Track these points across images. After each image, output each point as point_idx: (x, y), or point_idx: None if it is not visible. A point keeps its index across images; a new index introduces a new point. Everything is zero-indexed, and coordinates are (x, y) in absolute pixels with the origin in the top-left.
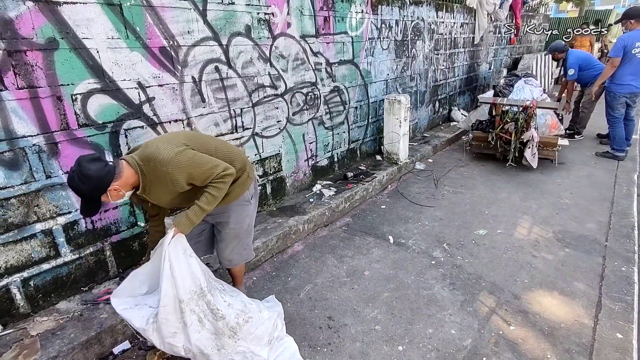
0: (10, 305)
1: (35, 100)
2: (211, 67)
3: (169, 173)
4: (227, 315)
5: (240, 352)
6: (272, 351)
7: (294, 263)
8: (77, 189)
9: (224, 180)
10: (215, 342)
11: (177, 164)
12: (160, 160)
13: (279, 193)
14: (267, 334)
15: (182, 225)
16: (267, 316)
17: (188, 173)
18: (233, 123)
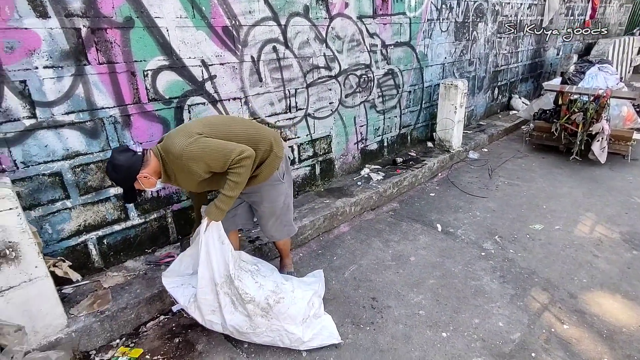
0: (87, 259)
1: (113, 75)
2: (269, 47)
3: (185, 165)
4: (257, 297)
5: (275, 330)
6: (308, 329)
7: (340, 243)
8: (112, 178)
9: (241, 164)
10: (249, 322)
11: (190, 155)
12: (174, 153)
13: (327, 174)
14: (302, 313)
15: (213, 214)
16: (300, 295)
17: (203, 162)
18: (287, 103)
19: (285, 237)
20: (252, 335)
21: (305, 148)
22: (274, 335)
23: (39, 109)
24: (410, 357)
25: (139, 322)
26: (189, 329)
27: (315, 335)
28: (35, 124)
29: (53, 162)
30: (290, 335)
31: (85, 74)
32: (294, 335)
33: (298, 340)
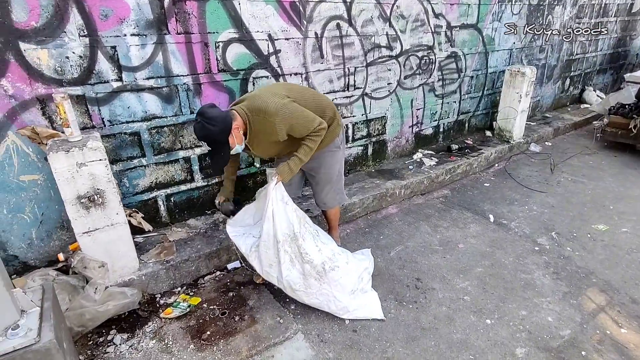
0: (156, 214)
1: (189, 45)
2: (333, 24)
3: (276, 124)
4: (315, 260)
5: (324, 294)
6: (354, 300)
7: (387, 224)
8: (208, 134)
9: (319, 133)
10: (303, 281)
11: (283, 115)
12: (269, 112)
13: (379, 156)
14: (351, 284)
15: (284, 173)
16: (353, 268)
17: (290, 124)
18: (346, 81)
19: (337, 204)
20: (303, 294)
21: (360, 128)
22: (322, 299)
23: (124, 73)
24: (452, 338)
25: (198, 274)
26: (242, 285)
27: (360, 307)
28: (121, 86)
29: (133, 122)
30: (337, 303)
31: (165, 42)
32: (340, 303)
33: (344, 308)
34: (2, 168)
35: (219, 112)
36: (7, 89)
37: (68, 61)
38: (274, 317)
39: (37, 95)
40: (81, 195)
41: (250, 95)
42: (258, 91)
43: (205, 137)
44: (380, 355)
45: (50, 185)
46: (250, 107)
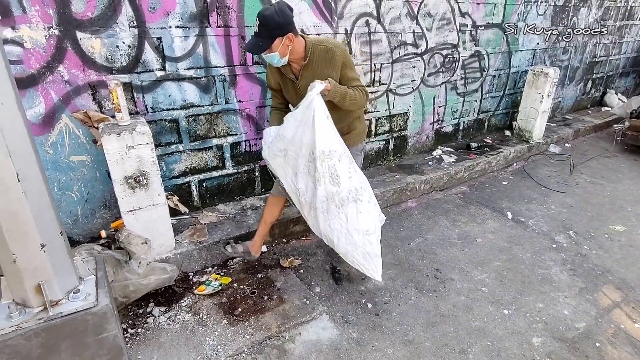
0: (189, 198)
1: (227, 37)
2: (362, 20)
3: (337, 53)
4: (342, 185)
5: (340, 223)
6: (366, 245)
7: (407, 217)
8: (269, 17)
9: (363, 93)
10: (324, 203)
11: (344, 51)
12: (335, 43)
13: (400, 151)
14: (368, 224)
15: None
16: (374, 210)
17: (348, 64)
18: (372, 77)
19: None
20: (321, 216)
21: (382, 123)
22: (334, 228)
23: (168, 62)
24: (470, 325)
25: (227, 256)
26: (269, 268)
27: (365, 255)
28: (164, 75)
29: (173, 110)
30: (349, 237)
31: (205, 35)
32: (351, 239)
33: (353, 244)
34: (55, 148)
35: (291, 15)
36: (64, 74)
37: (118, 50)
38: (300, 299)
39: (89, 82)
40: (128, 176)
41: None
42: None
43: (264, 17)
44: (402, 338)
45: (97, 167)
46: (316, 38)
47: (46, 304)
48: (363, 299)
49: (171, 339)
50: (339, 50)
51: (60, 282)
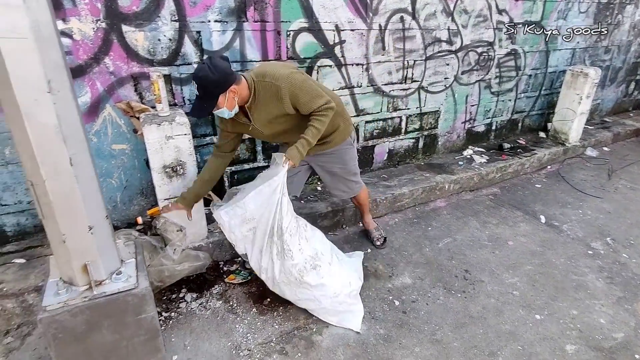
0: (221, 188)
1: (263, 32)
2: (397, 16)
3: (281, 88)
4: (296, 258)
5: (305, 291)
6: (339, 305)
7: (435, 216)
8: (204, 78)
9: (326, 113)
10: (285, 276)
11: (291, 81)
12: (276, 76)
13: (429, 149)
14: (335, 287)
15: (294, 157)
16: (337, 271)
17: (296, 94)
18: (404, 74)
19: (352, 194)
20: (285, 288)
21: (413, 120)
22: (302, 297)
23: (205, 56)
24: (500, 328)
25: None
26: None
27: (342, 313)
28: None
29: None
30: (317, 303)
31: (242, 29)
32: (320, 304)
33: (323, 309)
34: (98, 137)
35: (226, 67)
36: (109, 66)
37: (159, 43)
38: None
39: (132, 73)
40: (166, 165)
41: (259, 64)
42: (267, 63)
43: (199, 80)
44: (429, 337)
45: (136, 155)
46: (257, 73)
47: (91, 284)
48: (390, 296)
49: (203, 324)
50: (282, 83)
51: (105, 263)
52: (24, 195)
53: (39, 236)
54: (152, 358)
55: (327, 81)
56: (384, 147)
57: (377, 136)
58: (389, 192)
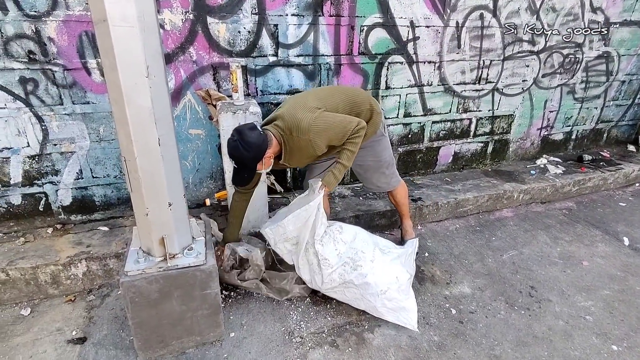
0: (283, 179)
1: (337, 27)
2: (476, 14)
3: (311, 140)
4: (334, 264)
5: (353, 292)
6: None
7: (501, 226)
8: (241, 157)
9: (358, 134)
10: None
11: (317, 130)
12: (301, 129)
13: (499, 155)
14: (382, 284)
15: (331, 184)
16: (380, 267)
17: (327, 137)
18: (478, 74)
19: (389, 188)
20: (331, 292)
21: (483, 123)
22: (349, 296)
23: (280, 49)
24: (569, 354)
25: None
26: None
27: (393, 310)
28: (275, 61)
29: (279, 94)
30: (367, 302)
31: (317, 23)
32: (370, 303)
33: (373, 308)
34: (178, 121)
35: (257, 138)
36: (192, 55)
37: (239, 35)
38: None
39: (212, 63)
40: None
41: (281, 113)
42: (288, 105)
43: (236, 159)
44: (487, 352)
45: (209, 141)
46: (284, 127)
47: (166, 256)
48: (447, 304)
49: (259, 306)
50: (311, 135)
51: (179, 238)
52: (112, 170)
53: (121, 208)
54: (212, 332)
55: (396, 79)
56: (450, 150)
57: (443, 137)
58: (451, 196)
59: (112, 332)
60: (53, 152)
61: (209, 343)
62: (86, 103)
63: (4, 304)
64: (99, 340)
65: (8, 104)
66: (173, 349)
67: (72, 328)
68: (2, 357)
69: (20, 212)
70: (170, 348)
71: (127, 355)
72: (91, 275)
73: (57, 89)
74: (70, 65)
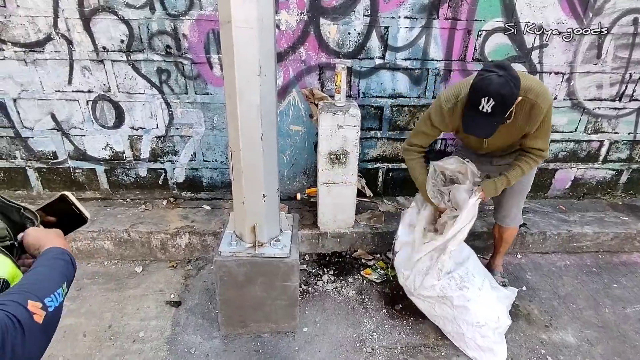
0: (374, 183)
1: (452, 30)
2: (629, 18)
3: (543, 111)
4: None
5: (446, 307)
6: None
7: (627, 272)
8: (509, 96)
9: (539, 159)
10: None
11: (550, 106)
12: (541, 94)
13: (635, 188)
14: (481, 316)
15: (490, 192)
16: (486, 300)
17: (546, 121)
18: (620, 89)
19: (516, 223)
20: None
21: (619, 148)
22: (439, 312)
23: (388, 52)
24: None
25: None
26: None
27: (481, 349)
28: (382, 64)
29: (381, 97)
30: (456, 327)
31: (431, 27)
32: (459, 329)
33: (460, 335)
34: (281, 116)
35: (516, 75)
36: (302, 55)
37: (348, 37)
38: None
39: (319, 63)
40: (332, 152)
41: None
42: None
43: (502, 97)
44: None
45: (307, 138)
46: (523, 87)
47: (255, 243)
48: (542, 350)
49: (334, 307)
50: (545, 105)
51: (268, 229)
52: (220, 156)
53: (222, 191)
54: (287, 323)
55: None
56: (569, 174)
57: (561, 159)
58: (564, 227)
59: (202, 302)
60: (175, 135)
61: (283, 332)
62: (205, 94)
63: (123, 259)
64: (190, 307)
65: (146, 90)
66: (251, 330)
67: (171, 291)
68: (117, 304)
69: (144, 184)
70: (248, 329)
71: (211, 327)
72: (191, 247)
73: (184, 80)
74: (197, 59)
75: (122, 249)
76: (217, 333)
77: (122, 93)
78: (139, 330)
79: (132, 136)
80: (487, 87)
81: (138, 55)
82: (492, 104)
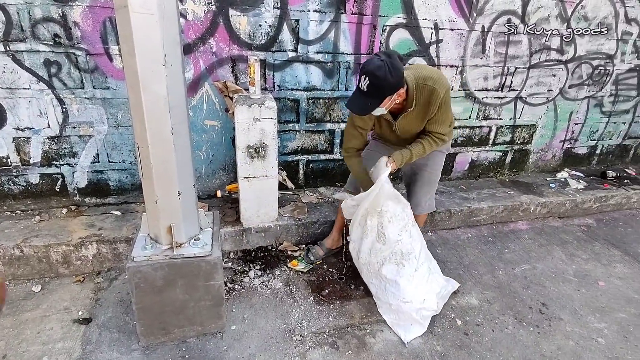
0: (294, 176)
1: (359, 25)
2: (504, 19)
3: (440, 95)
4: (387, 244)
5: (379, 279)
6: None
7: (514, 239)
8: (381, 79)
9: (440, 141)
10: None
11: (448, 90)
12: (438, 78)
13: (517, 166)
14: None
15: (398, 161)
16: (418, 281)
17: (445, 104)
18: (501, 81)
19: (428, 210)
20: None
21: (503, 132)
22: (375, 282)
23: (300, 45)
24: None
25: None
26: None
27: (399, 321)
28: (295, 57)
29: (297, 90)
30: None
31: (339, 21)
32: (388, 299)
33: (386, 305)
34: (194, 111)
35: (402, 68)
36: (212, 46)
37: (260, 29)
38: None
39: (231, 55)
40: (250, 146)
41: (413, 66)
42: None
43: (375, 78)
44: None
45: (223, 133)
46: (418, 76)
47: (172, 244)
48: (452, 314)
49: (262, 301)
50: (442, 90)
51: (186, 228)
52: (128, 156)
53: (134, 193)
54: (214, 323)
55: None
56: (467, 157)
57: (460, 144)
58: (465, 204)
59: (117, 315)
60: (72, 135)
61: (210, 334)
62: (106, 88)
63: (17, 279)
64: (103, 322)
65: (32, 85)
66: (174, 336)
67: (79, 308)
68: (12, 330)
69: (37, 191)
70: (171, 336)
71: (129, 339)
72: (101, 258)
73: (79, 73)
74: (93, 50)
75: (14, 267)
76: (136, 345)
77: (2, 89)
78: (42, 355)
79: (17, 138)
80: (366, 67)
81: (19, 45)
82: (367, 82)
